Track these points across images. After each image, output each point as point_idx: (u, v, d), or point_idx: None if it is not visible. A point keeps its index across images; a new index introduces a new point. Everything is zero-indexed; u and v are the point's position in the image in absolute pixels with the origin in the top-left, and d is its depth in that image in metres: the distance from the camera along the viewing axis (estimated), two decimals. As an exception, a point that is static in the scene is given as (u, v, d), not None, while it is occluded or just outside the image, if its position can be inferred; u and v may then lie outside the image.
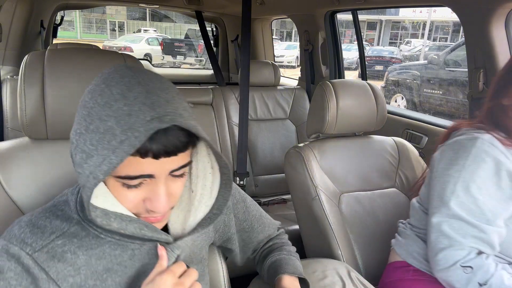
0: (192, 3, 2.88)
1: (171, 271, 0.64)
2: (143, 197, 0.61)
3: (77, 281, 0.63)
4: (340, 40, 2.51)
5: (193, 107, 2.32)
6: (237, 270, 1.63)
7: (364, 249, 1.32)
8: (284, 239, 0.99)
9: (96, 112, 0.56)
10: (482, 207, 0.93)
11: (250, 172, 2.36)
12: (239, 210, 0.89)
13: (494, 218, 0.93)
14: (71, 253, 0.63)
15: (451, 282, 0.96)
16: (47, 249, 0.62)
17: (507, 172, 0.94)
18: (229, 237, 0.89)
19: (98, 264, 0.65)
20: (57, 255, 0.62)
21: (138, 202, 0.62)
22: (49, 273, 0.61)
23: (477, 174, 0.94)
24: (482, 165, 0.94)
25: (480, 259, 0.93)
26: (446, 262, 0.95)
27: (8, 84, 2.11)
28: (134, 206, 0.62)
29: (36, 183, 0.87)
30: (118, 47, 13.02)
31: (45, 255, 0.61)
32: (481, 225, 0.93)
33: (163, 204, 0.61)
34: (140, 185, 0.60)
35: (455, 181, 0.96)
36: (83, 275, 0.64)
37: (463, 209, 0.94)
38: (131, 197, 0.61)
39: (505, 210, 0.94)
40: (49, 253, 0.62)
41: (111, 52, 1.00)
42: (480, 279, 0.92)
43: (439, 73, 7.23)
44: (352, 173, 1.40)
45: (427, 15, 19.76)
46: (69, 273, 0.63)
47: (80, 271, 0.63)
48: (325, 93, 1.36)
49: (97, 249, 0.65)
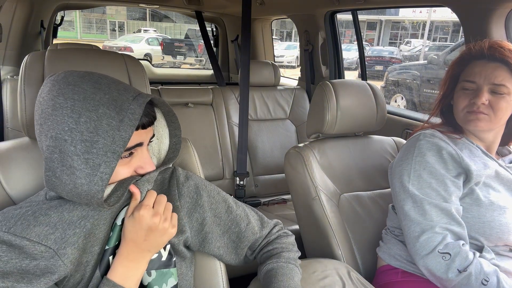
0: (192, 3, 2.88)
1: (147, 206, 0.74)
2: (134, 168, 0.75)
3: (57, 236, 0.70)
4: (340, 40, 2.51)
5: (193, 107, 2.32)
6: (236, 270, 1.63)
7: (364, 249, 1.32)
8: (285, 243, 0.96)
9: (80, 106, 0.65)
10: (437, 188, 1.06)
11: (250, 172, 2.36)
12: (221, 210, 0.90)
13: (449, 196, 1.05)
14: (43, 215, 0.71)
15: (431, 269, 1.01)
16: (20, 222, 0.69)
17: (448, 154, 1.08)
18: (205, 236, 0.89)
19: (72, 216, 0.73)
20: (31, 222, 0.70)
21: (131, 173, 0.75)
22: (30, 238, 0.68)
23: (425, 161, 1.08)
24: (427, 153, 1.09)
25: (458, 246, 0.99)
26: (424, 249, 1.02)
27: (8, 84, 2.11)
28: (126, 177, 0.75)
29: (36, 183, 0.87)
30: (118, 47, 13.01)
31: (20, 227, 0.68)
32: (440, 204, 1.04)
33: (152, 165, 0.77)
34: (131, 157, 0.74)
35: (408, 172, 1.10)
36: (61, 228, 0.71)
37: (421, 194, 1.06)
38: (125, 172, 0.74)
39: (457, 188, 1.06)
40: (23, 223, 0.69)
41: (111, 52, 1.00)
42: (459, 265, 0.98)
43: (439, 73, 7.23)
44: (352, 173, 1.40)
45: (427, 15, 19.76)
46: (48, 232, 0.70)
47: (57, 226, 0.71)
48: (325, 93, 1.36)
49: (66, 205, 0.73)
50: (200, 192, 0.88)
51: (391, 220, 1.25)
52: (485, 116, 1.05)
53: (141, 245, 0.75)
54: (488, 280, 0.95)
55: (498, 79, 1.03)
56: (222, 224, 0.90)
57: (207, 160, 2.27)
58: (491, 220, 1.04)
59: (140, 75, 0.97)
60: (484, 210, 1.05)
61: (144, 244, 0.75)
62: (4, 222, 0.69)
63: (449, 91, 1.15)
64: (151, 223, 0.74)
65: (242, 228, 0.92)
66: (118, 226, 0.77)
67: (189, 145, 1.07)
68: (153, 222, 0.74)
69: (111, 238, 0.76)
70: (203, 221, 0.88)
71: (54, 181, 0.68)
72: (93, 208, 0.75)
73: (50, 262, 0.69)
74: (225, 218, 0.91)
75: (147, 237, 0.74)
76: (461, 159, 1.06)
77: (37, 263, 0.68)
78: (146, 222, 0.73)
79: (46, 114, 0.67)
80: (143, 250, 0.76)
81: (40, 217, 0.71)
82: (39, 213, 0.71)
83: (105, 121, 0.65)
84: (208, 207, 0.89)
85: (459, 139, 1.12)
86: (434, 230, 1.02)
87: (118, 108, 0.66)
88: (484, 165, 1.08)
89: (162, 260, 0.82)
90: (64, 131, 0.65)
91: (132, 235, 0.74)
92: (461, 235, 1.03)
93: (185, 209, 0.86)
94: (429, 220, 1.04)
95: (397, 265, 1.17)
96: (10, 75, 2.38)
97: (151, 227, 0.74)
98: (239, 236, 0.92)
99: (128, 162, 0.74)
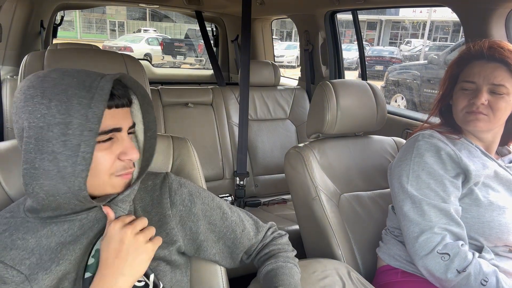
0: (192, 3, 2.88)
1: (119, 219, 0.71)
2: (116, 154, 0.72)
3: (33, 261, 0.69)
4: (340, 40, 2.51)
5: (193, 107, 2.32)
6: (236, 271, 1.63)
7: (364, 249, 1.32)
8: (281, 244, 0.95)
9: (50, 92, 0.65)
10: (435, 189, 1.06)
11: (250, 172, 2.36)
12: (215, 217, 0.88)
13: (448, 197, 1.05)
14: (21, 239, 0.70)
15: (431, 270, 1.01)
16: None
17: (447, 155, 1.07)
18: (200, 244, 0.87)
19: (50, 242, 0.71)
20: (8, 245, 0.69)
21: (114, 160, 0.72)
22: (5, 262, 0.68)
23: (423, 162, 1.08)
24: (425, 154, 1.09)
25: (457, 247, 0.99)
26: (423, 249, 1.03)
27: (8, 84, 2.11)
28: (111, 165, 0.72)
29: (36, 183, 0.87)
30: (118, 47, 13.01)
31: None
32: (439, 204, 1.04)
33: (136, 151, 0.74)
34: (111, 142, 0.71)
35: (407, 173, 1.10)
36: (38, 254, 0.70)
37: (420, 194, 1.06)
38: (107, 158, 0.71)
39: (455, 188, 1.06)
40: (0, 245, 0.69)
41: (111, 52, 1.00)
42: (458, 266, 0.97)
43: (439, 73, 7.22)
44: (352, 173, 1.40)
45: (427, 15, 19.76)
46: (24, 257, 0.69)
47: (33, 252, 0.70)
48: (325, 93, 1.36)
49: (44, 230, 0.71)
50: (194, 199, 0.85)
51: (391, 221, 1.25)
52: (484, 117, 1.05)
53: (113, 265, 0.68)
54: (487, 280, 0.95)
55: (498, 79, 1.02)
56: (217, 231, 0.88)
57: (207, 160, 2.27)
58: (490, 220, 1.04)
59: (140, 75, 0.97)
60: (483, 210, 1.05)
61: (116, 263, 0.68)
62: None
63: (448, 91, 1.15)
64: (122, 233, 0.69)
65: (238, 234, 0.90)
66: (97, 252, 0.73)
67: (189, 145, 1.07)
68: (124, 232, 0.69)
69: (91, 266, 0.72)
70: (197, 230, 0.85)
71: (33, 173, 0.65)
72: (70, 234, 0.72)
73: (20, 287, 0.68)
74: (220, 225, 0.88)
75: (118, 252, 0.69)
76: (459, 160, 1.06)
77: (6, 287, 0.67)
78: (115, 233, 0.69)
79: (18, 108, 0.66)
80: (114, 273, 0.68)
81: (17, 241, 0.69)
82: (16, 236, 0.70)
83: (75, 100, 0.64)
84: (203, 214, 0.86)
85: (458, 139, 1.12)
86: (433, 231, 1.02)
87: (87, 87, 0.66)
88: (483, 165, 1.08)
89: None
90: (37, 118, 0.64)
91: (103, 254, 0.70)
92: (460, 235, 1.03)
93: (177, 218, 0.83)
94: (428, 221, 1.04)
95: (397, 265, 1.17)
96: (10, 75, 2.38)
97: (122, 238, 0.69)
98: (234, 243, 0.91)
99: (109, 148, 0.71)
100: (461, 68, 1.11)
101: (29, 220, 0.72)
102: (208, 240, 0.87)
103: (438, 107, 1.19)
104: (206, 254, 0.89)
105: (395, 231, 1.22)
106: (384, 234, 1.28)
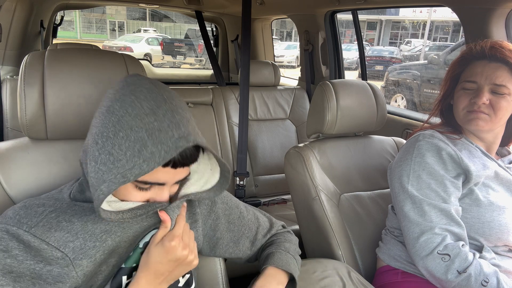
0: (192, 3, 2.88)
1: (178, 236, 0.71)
2: (148, 197, 0.71)
3: (77, 245, 0.69)
4: (340, 40, 2.51)
5: (193, 107, 2.32)
6: (237, 271, 1.63)
7: (364, 249, 1.32)
8: (288, 237, 0.98)
9: (127, 122, 0.63)
10: (436, 189, 1.06)
11: (250, 172, 2.36)
12: (234, 216, 0.91)
13: (448, 197, 1.05)
14: (66, 221, 0.70)
15: (431, 271, 1.01)
16: (43, 223, 0.68)
17: (448, 155, 1.07)
18: (216, 242, 0.90)
19: (95, 228, 0.71)
20: (53, 226, 0.69)
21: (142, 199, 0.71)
22: (49, 243, 0.68)
23: (424, 162, 1.08)
24: (426, 153, 1.09)
25: (457, 248, 0.99)
26: (423, 250, 1.02)
27: (8, 84, 2.11)
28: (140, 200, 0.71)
29: (36, 183, 0.87)
30: (118, 47, 13.01)
31: (41, 229, 0.68)
32: (440, 204, 1.04)
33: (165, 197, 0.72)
34: (150, 189, 0.70)
35: (408, 173, 1.10)
36: (82, 238, 0.70)
37: (421, 194, 1.06)
38: (138, 197, 0.70)
39: (456, 189, 1.06)
40: (45, 226, 0.68)
41: (111, 52, 1.00)
42: (459, 267, 0.97)
43: (439, 73, 7.22)
44: (352, 173, 1.40)
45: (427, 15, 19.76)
46: (68, 239, 0.69)
47: (78, 235, 0.70)
48: (325, 93, 1.36)
49: (91, 215, 0.71)
50: (215, 199, 0.88)
51: (391, 221, 1.25)
52: (485, 116, 1.05)
53: (164, 276, 0.72)
54: (488, 281, 0.95)
55: (499, 79, 1.03)
56: (236, 230, 0.91)
57: (207, 160, 2.27)
58: (490, 220, 1.04)
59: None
60: (483, 211, 1.05)
61: (169, 276, 0.73)
62: (26, 219, 0.68)
63: (450, 91, 1.15)
64: (181, 255, 0.71)
65: (253, 232, 0.94)
66: (140, 248, 0.75)
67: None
68: (183, 254, 0.71)
69: (130, 258, 0.75)
70: (216, 227, 0.88)
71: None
72: (117, 225, 0.73)
73: (64, 270, 0.68)
74: (238, 224, 0.92)
75: (173, 269, 0.72)
76: (460, 160, 1.06)
77: (51, 269, 0.67)
78: (176, 254, 0.71)
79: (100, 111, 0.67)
80: (162, 282, 0.73)
81: (63, 222, 0.69)
82: (62, 218, 0.70)
83: (138, 146, 0.62)
84: (222, 213, 0.89)
85: (459, 139, 1.12)
86: (434, 231, 1.02)
87: (157, 140, 0.62)
88: (483, 166, 1.08)
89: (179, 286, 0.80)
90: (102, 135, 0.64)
91: (158, 265, 0.71)
92: (460, 235, 1.03)
93: (202, 217, 0.87)
94: (428, 221, 1.03)
95: (397, 265, 1.17)
96: (10, 75, 2.38)
97: (180, 259, 0.71)
98: (251, 240, 0.94)
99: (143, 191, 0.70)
100: (462, 68, 1.12)
101: (77, 204, 0.72)
102: (224, 238, 0.90)
103: (439, 107, 1.19)
104: (221, 252, 0.92)
105: (394, 231, 1.22)
106: (384, 234, 1.28)
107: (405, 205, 1.08)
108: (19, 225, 0.67)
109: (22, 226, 0.67)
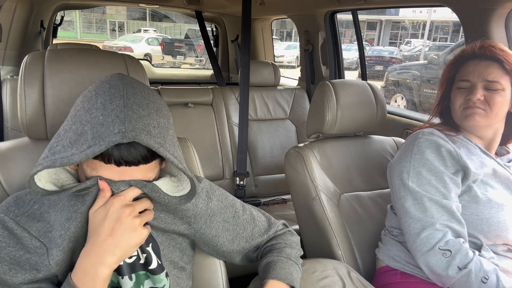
0: (192, 3, 2.88)
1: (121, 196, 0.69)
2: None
3: (53, 235, 0.72)
4: (340, 40, 2.51)
5: (193, 107, 2.32)
6: (236, 271, 1.63)
7: (364, 249, 1.32)
8: (289, 240, 0.97)
9: (80, 116, 0.66)
10: (436, 185, 1.06)
11: (250, 172, 2.36)
12: (228, 215, 0.91)
13: (448, 193, 1.05)
14: (46, 212, 0.73)
15: (432, 266, 1.01)
16: (28, 214, 0.73)
17: (447, 151, 1.08)
18: (212, 239, 0.89)
19: (61, 216, 0.73)
20: (36, 217, 0.73)
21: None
22: (30, 232, 0.72)
23: (424, 159, 1.09)
24: (426, 150, 1.10)
25: (458, 244, 1.00)
26: (425, 245, 1.03)
27: (8, 84, 2.11)
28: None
29: (36, 183, 0.87)
30: (118, 47, 13.01)
31: (25, 218, 0.72)
32: (441, 200, 1.05)
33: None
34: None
35: (408, 169, 1.10)
36: (55, 228, 0.72)
37: (422, 190, 1.07)
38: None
39: (455, 185, 1.07)
40: (30, 216, 0.73)
41: (111, 52, 1.00)
42: (460, 263, 0.98)
43: (439, 73, 7.19)
44: (352, 173, 1.40)
45: (427, 15, 19.75)
46: (47, 229, 0.72)
47: (53, 226, 0.72)
48: (325, 93, 1.36)
49: (59, 204, 0.74)
50: (210, 196, 0.88)
51: (390, 221, 1.25)
52: (481, 111, 1.07)
53: (104, 243, 0.67)
54: (488, 278, 0.96)
55: (491, 76, 1.06)
56: (231, 230, 0.91)
57: (207, 160, 2.27)
58: (489, 217, 1.05)
59: (140, 75, 0.97)
60: (482, 207, 1.06)
61: (109, 241, 0.67)
62: (13, 208, 0.73)
63: (446, 93, 1.18)
64: (121, 212, 0.67)
65: (249, 232, 0.93)
66: None
67: (189, 145, 1.07)
68: (122, 211, 0.67)
69: None
70: (211, 224, 0.88)
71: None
72: (75, 210, 0.72)
73: (41, 259, 0.71)
74: (233, 223, 0.91)
75: (113, 232, 0.67)
76: (459, 157, 1.07)
77: (29, 257, 0.71)
78: (115, 210, 0.67)
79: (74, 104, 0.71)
80: (105, 251, 0.67)
81: (44, 214, 0.73)
82: (44, 210, 0.73)
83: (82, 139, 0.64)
84: (218, 211, 0.89)
85: (456, 136, 1.13)
86: (435, 227, 1.03)
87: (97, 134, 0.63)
88: (481, 164, 1.08)
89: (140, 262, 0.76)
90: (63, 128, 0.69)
91: (96, 227, 0.68)
92: (461, 233, 1.03)
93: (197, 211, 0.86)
94: (429, 217, 1.04)
95: (396, 266, 1.17)
96: (10, 75, 2.38)
97: (120, 217, 0.67)
98: (247, 240, 0.93)
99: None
100: (456, 69, 1.15)
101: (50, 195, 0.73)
102: (219, 236, 0.90)
103: (438, 109, 1.21)
104: (216, 249, 0.92)
105: (393, 231, 1.22)
106: (383, 234, 1.28)
107: (406, 201, 1.09)
108: (6, 213, 0.72)
109: (9, 214, 0.72)
